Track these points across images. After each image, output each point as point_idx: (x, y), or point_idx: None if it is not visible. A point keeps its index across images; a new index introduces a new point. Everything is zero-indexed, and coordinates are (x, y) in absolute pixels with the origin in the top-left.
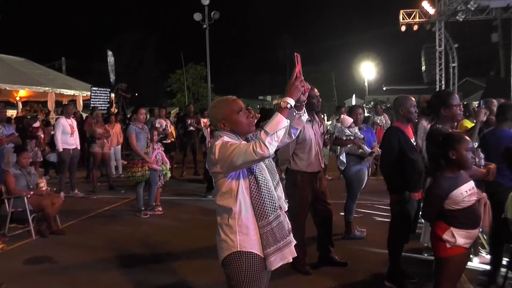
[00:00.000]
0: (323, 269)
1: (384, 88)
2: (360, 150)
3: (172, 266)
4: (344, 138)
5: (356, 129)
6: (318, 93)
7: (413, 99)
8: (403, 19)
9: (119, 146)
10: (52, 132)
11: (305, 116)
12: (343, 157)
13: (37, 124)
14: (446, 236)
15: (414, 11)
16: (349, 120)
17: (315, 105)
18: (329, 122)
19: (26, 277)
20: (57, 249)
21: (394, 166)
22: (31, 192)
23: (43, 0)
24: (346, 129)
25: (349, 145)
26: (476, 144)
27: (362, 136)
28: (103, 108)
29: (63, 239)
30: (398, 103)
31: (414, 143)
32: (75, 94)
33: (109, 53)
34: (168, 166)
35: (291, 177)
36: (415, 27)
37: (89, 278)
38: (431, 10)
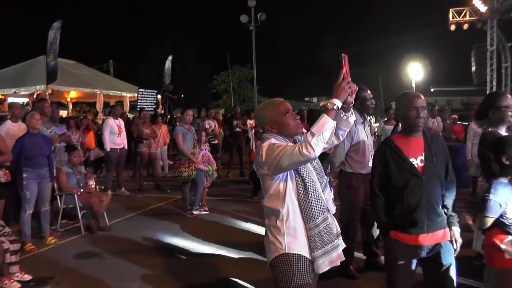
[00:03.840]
0: (369, 274)
1: (432, 90)
2: None
3: (218, 265)
4: None
5: None
6: (372, 95)
7: (421, 97)
8: (452, 17)
9: (166, 147)
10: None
11: (352, 118)
12: None
13: (86, 141)
14: (505, 245)
15: (464, 9)
16: None
17: (369, 107)
18: (376, 124)
19: (76, 271)
20: (105, 245)
21: (377, 195)
22: (81, 190)
23: (92, 7)
24: None
25: None
26: None
27: None
28: (149, 109)
29: (111, 235)
30: (396, 106)
31: (420, 163)
32: (122, 95)
33: (169, 58)
34: (215, 166)
35: (345, 179)
36: (465, 26)
37: (136, 273)
38: (482, 8)
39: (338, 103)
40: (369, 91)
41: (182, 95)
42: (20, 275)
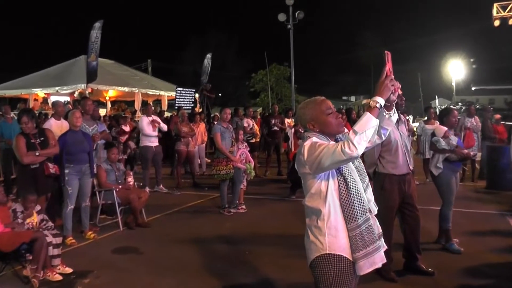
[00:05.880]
0: (408, 277)
1: (473, 88)
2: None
3: (255, 264)
4: (441, 148)
5: (452, 138)
6: (401, 91)
7: None
8: (497, 12)
9: (203, 145)
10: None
11: (395, 116)
12: (440, 164)
13: (126, 128)
14: None
15: (509, 3)
16: (443, 130)
17: (399, 104)
18: (416, 124)
19: (114, 265)
20: (142, 241)
21: None
22: (120, 186)
23: (130, 7)
24: (442, 140)
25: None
26: None
27: (456, 144)
28: (187, 107)
29: (149, 231)
30: None
31: None
32: (160, 94)
33: (208, 55)
34: (253, 165)
35: (379, 180)
36: (511, 21)
37: (173, 269)
38: None
39: (381, 101)
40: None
41: (220, 94)
42: (61, 268)
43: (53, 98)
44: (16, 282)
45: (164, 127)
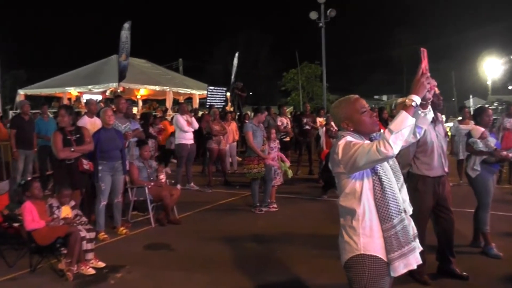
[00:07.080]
0: (442, 281)
1: (510, 87)
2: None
3: (286, 264)
4: (478, 150)
5: (490, 140)
6: (438, 91)
7: None
8: None
9: (235, 143)
10: None
11: (430, 115)
12: (477, 166)
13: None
14: None
15: None
16: (480, 130)
17: (436, 103)
18: (450, 124)
19: (145, 261)
20: (174, 238)
21: None
22: (152, 183)
23: (163, 7)
24: (479, 141)
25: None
26: None
27: (494, 146)
28: (218, 106)
29: (180, 228)
30: None
31: None
32: (192, 92)
33: (236, 54)
34: (288, 164)
35: (412, 182)
36: None
37: (204, 267)
38: None
39: (417, 99)
40: (436, 88)
41: (251, 93)
42: (94, 262)
43: (85, 97)
44: (52, 275)
45: (196, 124)
